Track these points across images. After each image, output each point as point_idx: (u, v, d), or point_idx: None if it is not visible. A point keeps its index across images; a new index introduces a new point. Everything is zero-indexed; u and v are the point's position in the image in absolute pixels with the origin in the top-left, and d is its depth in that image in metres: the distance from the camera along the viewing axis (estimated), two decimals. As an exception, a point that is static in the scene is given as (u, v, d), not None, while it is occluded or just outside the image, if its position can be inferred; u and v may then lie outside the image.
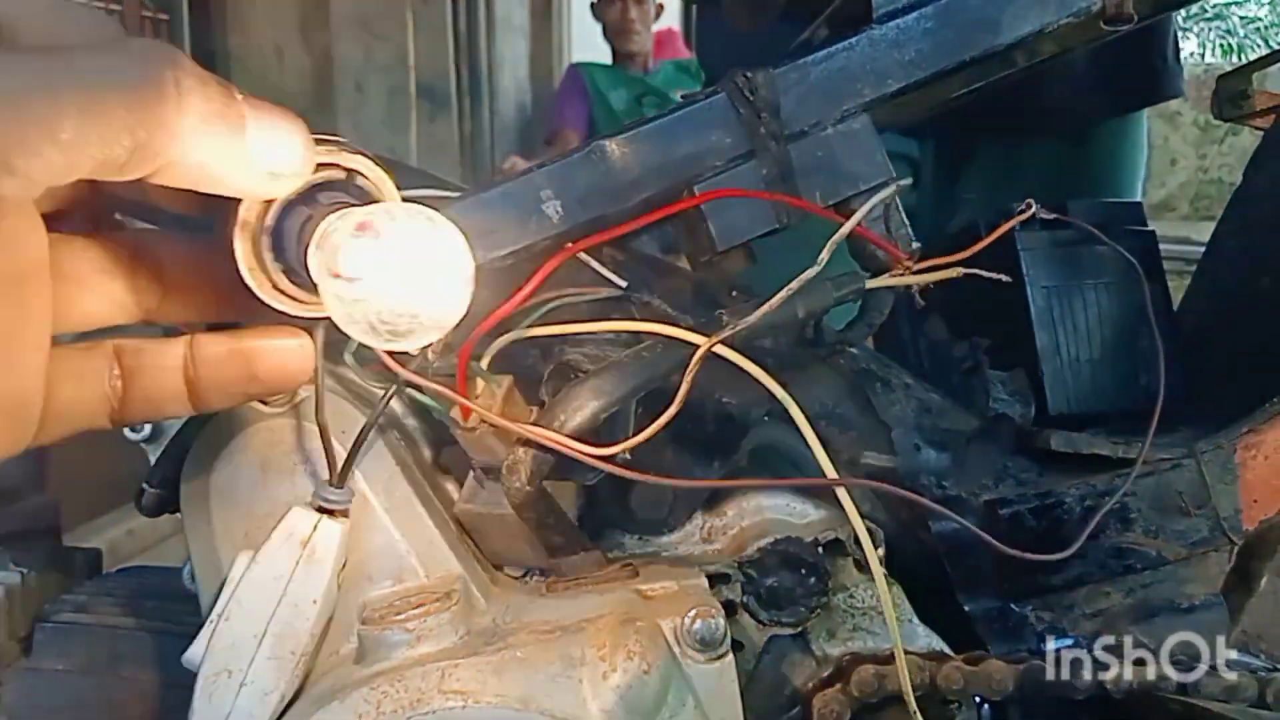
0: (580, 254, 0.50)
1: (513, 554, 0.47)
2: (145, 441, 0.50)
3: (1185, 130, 4.17)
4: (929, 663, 0.47)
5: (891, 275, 0.47)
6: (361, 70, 3.42)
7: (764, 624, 0.48)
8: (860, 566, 0.50)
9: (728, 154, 0.47)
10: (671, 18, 3.99)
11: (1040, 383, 0.60)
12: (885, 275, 0.46)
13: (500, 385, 0.41)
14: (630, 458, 0.43)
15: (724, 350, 0.41)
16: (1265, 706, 0.46)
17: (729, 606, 0.47)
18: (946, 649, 0.49)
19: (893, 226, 0.48)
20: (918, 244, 0.49)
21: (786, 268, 0.45)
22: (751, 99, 0.46)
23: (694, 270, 0.53)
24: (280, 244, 0.32)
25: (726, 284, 0.54)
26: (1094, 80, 1.08)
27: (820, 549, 0.48)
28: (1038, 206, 0.53)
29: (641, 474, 0.41)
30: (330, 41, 3.33)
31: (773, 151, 0.47)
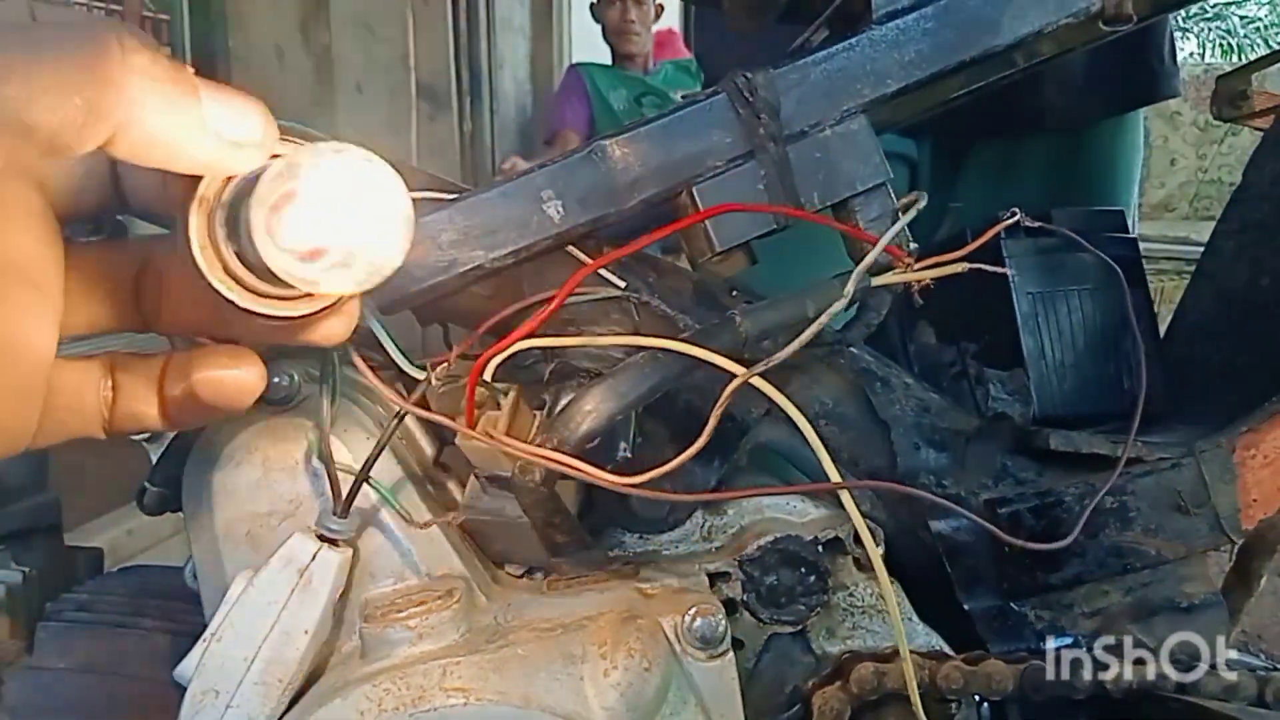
0: (579, 254, 0.50)
1: (514, 554, 0.48)
2: (147, 440, 0.50)
3: (1185, 130, 4.16)
4: (929, 661, 0.47)
5: (894, 273, 0.47)
6: (361, 70, 3.42)
7: (764, 622, 0.48)
8: (860, 565, 0.50)
9: (727, 154, 0.47)
10: (672, 18, 3.99)
11: (1026, 386, 0.60)
12: (888, 274, 0.46)
13: (506, 397, 0.42)
14: (631, 456, 0.43)
15: (759, 383, 0.41)
16: (1265, 705, 0.46)
17: (729, 605, 0.47)
18: (947, 648, 0.49)
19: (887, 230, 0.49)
20: (915, 245, 0.49)
21: (787, 267, 0.45)
22: (751, 99, 0.46)
23: (694, 270, 0.53)
24: (236, 224, 0.30)
25: (726, 284, 0.54)
26: (1091, 80, 1.09)
27: (820, 547, 0.48)
28: (1022, 215, 0.54)
29: (669, 493, 0.41)
30: (330, 41, 3.33)
31: (772, 152, 0.47)
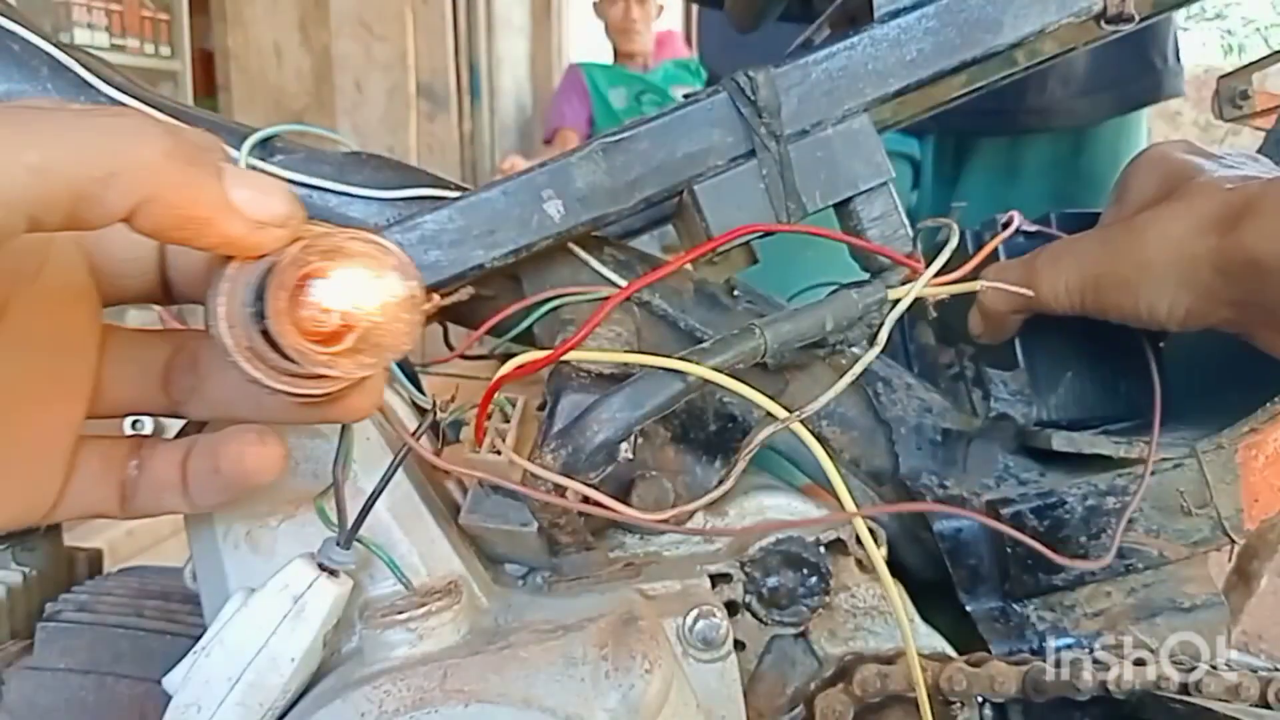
0: (580, 253, 0.50)
1: (515, 556, 0.47)
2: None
3: (1185, 130, 4.15)
4: (932, 663, 0.47)
5: (909, 286, 0.46)
6: (361, 70, 3.42)
7: (766, 624, 0.48)
8: (862, 566, 0.50)
9: (728, 153, 0.47)
10: (672, 18, 3.99)
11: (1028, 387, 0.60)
12: (903, 286, 0.46)
13: (514, 408, 0.42)
14: (632, 458, 0.43)
15: (799, 429, 0.41)
16: (1267, 706, 0.46)
17: (731, 606, 0.46)
18: (949, 649, 0.49)
19: (890, 229, 0.49)
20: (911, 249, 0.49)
21: (787, 267, 0.45)
22: (752, 98, 0.46)
23: (694, 270, 0.53)
24: (261, 304, 0.30)
25: (726, 284, 0.54)
26: (1094, 80, 1.09)
27: (822, 548, 0.48)
28: (1021, 218, 0.54)
29: (699, 529, 0.41)
30: (330, 41, 3.33)
31: (773, 151, 0.47)
